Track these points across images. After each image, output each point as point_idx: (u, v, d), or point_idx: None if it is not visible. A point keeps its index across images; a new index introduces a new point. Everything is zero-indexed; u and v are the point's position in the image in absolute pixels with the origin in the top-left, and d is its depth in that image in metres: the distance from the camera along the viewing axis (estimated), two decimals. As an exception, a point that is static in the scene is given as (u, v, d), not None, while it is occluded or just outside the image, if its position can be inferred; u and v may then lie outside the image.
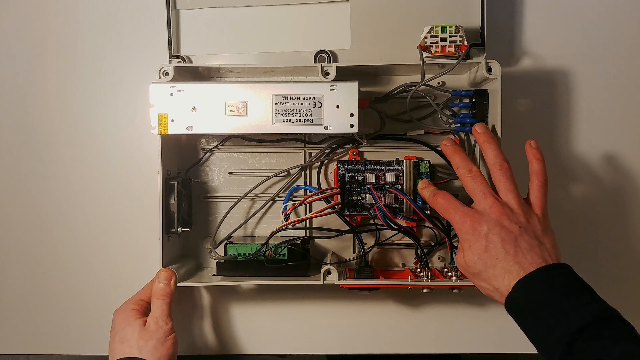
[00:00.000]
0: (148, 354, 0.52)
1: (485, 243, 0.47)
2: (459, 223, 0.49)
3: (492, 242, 0.47)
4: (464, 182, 0.51)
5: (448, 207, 0.50)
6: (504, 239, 0.46)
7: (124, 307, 0.56)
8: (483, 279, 0.47)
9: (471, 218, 0.48)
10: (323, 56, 0.61)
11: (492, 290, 0.47)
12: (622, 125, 0.63)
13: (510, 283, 0.45)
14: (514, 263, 0.45)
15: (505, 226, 0.47)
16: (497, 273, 0.46)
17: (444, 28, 0.55)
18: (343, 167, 0.59)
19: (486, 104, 0.57)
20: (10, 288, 0.66)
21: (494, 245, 0.46)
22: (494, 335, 0.64)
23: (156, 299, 0.55)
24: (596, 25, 0.63)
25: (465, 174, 0.51)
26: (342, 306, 0.64)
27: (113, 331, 0.55)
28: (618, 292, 0.63)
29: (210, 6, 0.63)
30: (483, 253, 0.47)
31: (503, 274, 0.46)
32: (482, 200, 0.49)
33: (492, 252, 0.46)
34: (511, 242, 0.46)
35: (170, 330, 0.54)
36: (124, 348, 0.52)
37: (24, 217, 0.66)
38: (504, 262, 0.46)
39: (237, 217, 0.62)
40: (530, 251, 0.46)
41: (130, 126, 0.64)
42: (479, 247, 0.47)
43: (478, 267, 0.47)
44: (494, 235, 0.47)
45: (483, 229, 0.47)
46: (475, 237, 0.47)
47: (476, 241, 0.47)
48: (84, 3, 0.65)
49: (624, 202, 0.63)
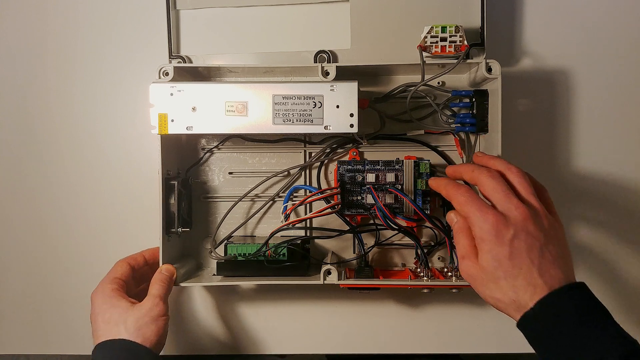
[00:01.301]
0: (135, 333, 0.50)
1: (509, 250, 0.42)
2: (479, 220, 0.44)
3: (517, 250, 0.42)
4: (481, 182, 0.46)
5: (469, 202, 0.45)
6: (530, 247, 0.42)
7: (101, 288, 0.54)
8: (499, 289, 0.43)
9: (495, 218, 0.43)
10: (323, 56, 0.61)
11: (506, 302, 0.43)
12: (622, 125, 0.63)
13: (533, 298, 0.42)
14: (538, 276, 0.42)
15: (532, 232, 0.43)
16: (519, 284, 0.42)
17: (444, 28, 0.55)
18: (343, 167, 0.59)
19: (486, 104, 0.57)
20: (11, 288, 0.66)
21: (519, 253, 0.42)
22: (494, 335, 0.64)
23: (156, 283, 0.54)
24: (596, 25, 0.63)
25: (481, 174, 0.46)
26: (342, 306, 0.64)
27: (94, 313, 0.53)
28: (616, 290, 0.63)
29: (210, 6, 0.63)
30: (506, 260, 0.42)
31: (526, 286, 0.42)
32: (505, 200, 0.44)
33: (516, 261, 0.42)
34: (537, 251, 0.42)
35: (165, 310, 0.53)
36: (110, 328, 0.51)
37: (24, 217, 0.66)
38: (528, 273, 0.42)
39: (237, 217, 0.62)
40: (554, 263, 0.42)
41: (130, 126, 0.64)
42: (502, 254, 0.43)
43: (497, 274, 0.43)
44: (519, 242, 0.42)
45: (508, 234, 0.42)
46: (499, 241, 0.43)
47: (499, 246, 0.43)
48: (84, 3, 0.65)
49: (624, 202, 0.63)
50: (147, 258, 0.59)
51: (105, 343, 0.51)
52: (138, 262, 0.58)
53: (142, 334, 0.51)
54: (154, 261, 0.58)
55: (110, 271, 0.56)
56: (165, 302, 0.54)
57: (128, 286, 0.56)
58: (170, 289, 0.55)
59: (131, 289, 0.57)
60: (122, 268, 0.56)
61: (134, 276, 0.57)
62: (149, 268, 0.59)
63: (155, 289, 0.54)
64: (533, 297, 0.42)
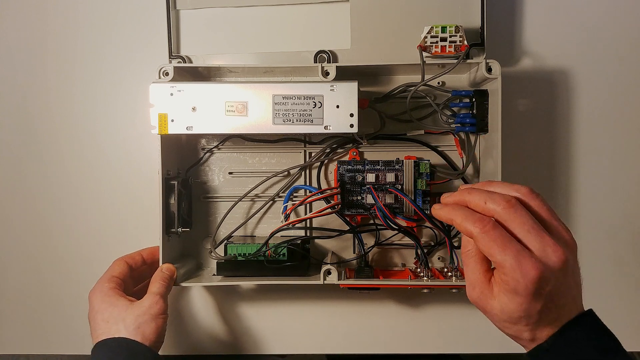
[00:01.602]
0: (135, 331, 0.50)
1: (543, 303, 0.38)
2: (517, 274, 0.37)
3: (549, 299, 0.38)
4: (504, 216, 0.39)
5: (503, 245, 0.38)
6: (562, 293, 0.39)
7: (99, 287, 0.54)
8: (514, 328, 0.40)
9: (537, 273, 0.37)
10: (323, 56, 0.61)
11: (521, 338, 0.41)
12: (622, 125, 0.63)
13: (545, 331, 0.39)
14: (557, 316, 0.39)
15: (566, 278, 0.38)
16: (539, 328, 0.39)
17: (444, 28, 0.55)
18: (343, 167, 0.59)
19: (486, 104, 0.57)
20: (11, 288, 0.66)
21: (550, 299, 0.38)
22: (494, 335, 0.63)
23: (156, 281, 0.54)
24: (596, 25, 0.63)
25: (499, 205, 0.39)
26: (342, 306, 0.64)
27: (93, 311, 0.52)
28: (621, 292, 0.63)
29: (210, 6, 0.63)
30: (535, 314, 0.39)
31: (545, 326, 0.39)
32: (539, 241, 0.38)
33: (544, 310, 0.39)
34: (566, 294, 0.39)
35: (164, 309, 0.53)
36: (109, 327, 0.51)
37: (24, 217, 0.66)
38: (551, 317, 0.39)
39: (237, 217, 0.62)
40: (569, 294, 0.39)
41: (130, 126, 0.64)
42: (534, 309, 0.38)
43: (519, 321, 0.39)
44: (554, 289, 0.38)
45: (547, 288, 0.38)
46: (536, 298, 0.38)
47: (534, 301, 0.38)
48: (84, 3, 0.65)
49: (624, 202, 0.63)
50: (145, 257, 0.58)
51: (104, 342, 0.50)
52: (136, 261, 0.58)
53: (142, 332, 0.51)
54: (152, 260, 0.58)
55: (107, 270, 0.56)
56: (165, 301, 0.54)
57: (126, 285, 0.56)
58: (170, 288, 0.55)
59: (129, 288, 0.57)
60: (119, 267, 0.56)
61: (131, 275, 0.57)
62: (147, 267, 0.59)
63: (155, 287, 0.54)
64: (545, 328, 0.40)
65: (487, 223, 0.39)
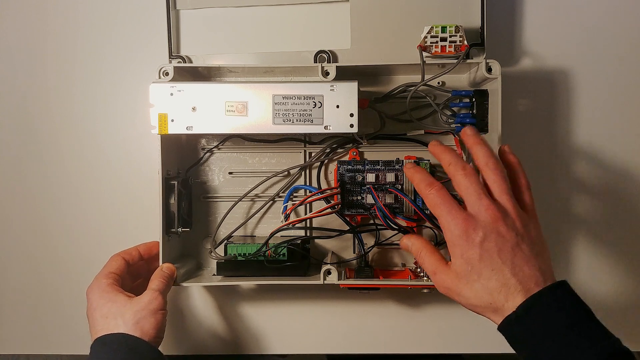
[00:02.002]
0: (134, 327, 0.50)
1: (479, 252, 0.43)
2: (450, 225, 0.45)
3: (487, 251, 0.43)
4: (456, 180, 0.47)
5: (440, 204, 0.46)
6: (500, 248, 0.43)
7: (96, 283, 0.53)
8: (473, 293, 0.44)
9: (465, 221, 0.44)
10: (323, 56, 0.61)
11: (483, 306, 0.44)
12: (622, 125, 0.63)
13: (509, 300, 0.42)
14: (511, 276, 0.42)
15: (502, 233, 0.43)
16: (492, 286, 0.43)
17: (444, 28, 0.55)
18: (343, 167, 0.59)
19: (486, 104, 0.57)
20: (11, 288, 0.66)
21: (489, 255, 0.43)
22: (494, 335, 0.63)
23: (156, 279, 0.54)
24: (596, 25, 0.63)
25: (457, 172, 0.47)
26: (342, 306, 0.64)
27: (91, 308, 0.52)
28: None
29: (210, 6, 0.63)
30: (477, 263, 0.43)
31: (499, 287, 0.42)
32: (476, 201, 0.45)
33: (487, 262, 0.43)
34: (508, 252, 0.43)
35: (163, 305, 0.53)
36: (108, 323, 0.50)
37: (24, 217, 0.66)
38: (500, 274, 0.43)
39: (237, 217, 0.62)
40: (528, 263, 0.43)
41: (130, 126, 0.64)
42: (473, 256, 0.43)
43: (470, 277, 0.43)
44: (489, 243, 0.43)
45: (478, 236, 0.43)
46: (469, 244, 0.43)
47: (469, 249, 0.43)
48: (84, 3, 0.65)
49: (624, 202, 0.63)
50: (142, 252, 0.58)
51: (103, 337, 0.50)
52: (133, 257, 0.57)
53: (141, 328, 0.50)
54: (149, 256, 0.58)
55: (104, 266, 0.56)
56: (164, 297, 0.54)
57: (123, 281, 0.56)
58: (169, 286, 0.55)
59: (126, 284, 0.56)
60: (116, 262, 0.56)
61: (129, 271, 0.57)
62: (144, 263, 0.58)
63: (155, 284, 0.54)
64: (508, 298, 0.42)
65: (435, 186, 0.47)
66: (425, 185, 0.48)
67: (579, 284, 0.62)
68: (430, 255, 0.48)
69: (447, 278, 0.45)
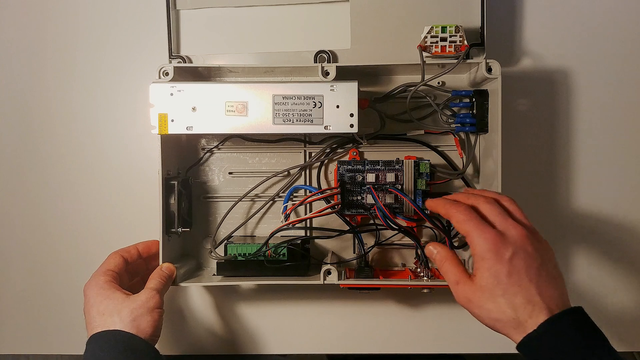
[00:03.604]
0: (130, 324, 0.50)
1: (508, 267, 0.43)
2: (479, 239, 0.44)
3: (516, 268, 0.43)
4: (480, 204, 0.47)
5: (467, 220, 0.46)
6: (528, 266, 0.44)
7: (94, 280, 0.54)
8: (497, 307, 0.44)
9: (495, 237, 0.44)
10: (323, 56, 0.61)
11: (505, 321, 0.44)
12: (622, 125, 0.63)
13: (533, 317, 0.42)
14: (536, 294, 0.43)
15: (529, 252, 0.44)
16: (518, 302, 0.43)
17: (444, 28, 0.55)
18: (343, 167, 0.59)
19: (486, 104, 0.57)
20: (11, 288, 0.66)
21: (517, 271, 0.43)
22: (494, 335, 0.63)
23: (154, 278, 0.54)
24: (596, 25, 0.63)
25: (478, 200, 0.48)
26: (342, 306, 0.64)
27: (88, 304, 0.52)
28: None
29: (210, 6, 0.63)
30: (505, 278, 0.43)
31: (525, 304, 0.43)
32: (503, 221, 0.45)
33: (515, 278, 0.43)
34: (535, 270, 0.44)
35: (160, 303, 0.53)
36: (104, 319, 0.51)
37: (24, 217, 0.66)
38: (526, 291, 0.43)
39: (237, 217, 0.62)
40: (550, 284, 0.44)
41: (130, 126, 0.64)
42: (501, 272, 0.43)
43: (495, 292, 0.44)
44: (519, 260, 0.44)
45: (507, 252, 0.44)
46: (499, 258, 0.44)
47: (498, 263, 0.44)
48: (84, 3, 0.65)
49: (624, 201, 0.63)
50: (141, 250, 0.58)
51: (99, 334, 0.50)
52: (131, 255, 0.57)
53: (137, 325, 0.51)
54: (148, 254, 0.58)
55: (103, 263, 0.56)
56: (161, 296, 0.54)
57: (121, 279, 0.56)
58: (167, 286, 0.55)
59: (124, 282, 0.56)
60: (115, 260, 0.56)
61: (127, 269, 0.57)
62: (142, 261, 0.58)
63: (153, 283, 0.54)
64: (532, 315, 0.42)
65: (462, 206, 0.47)
66: (451, 205, 0.48)
67: (579, 284, 0.63)
68: (455, 266, 0.48)
69: (469, 290, 0.46)
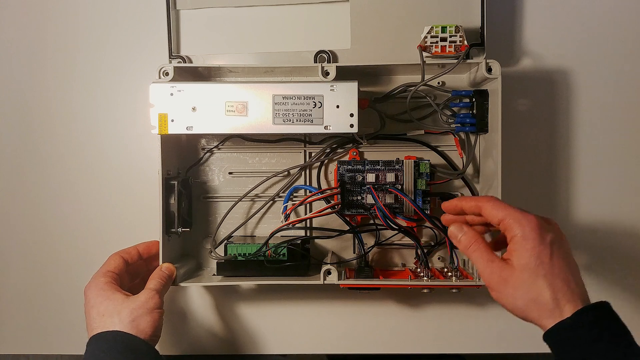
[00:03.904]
0: (130, 325, 0.50)
1: (550, 250, 0.43)
2: (522, 220, 0.44)
3: (557, 252, 0.44)
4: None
5: (503, 206, 0.46)
6: (566, 253, 0.44)
7: (94, 282, 0.54)
8: (536, 288, 0.43)
9: (537, 220, 0.44)
10: (323, 56, 0.61)
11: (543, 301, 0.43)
12: (622, 125, 0.63)
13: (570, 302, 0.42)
14: (573, 281, 0.43)
15: (565, 242, 0.45)
16: (558, 284, 0.43)
17: (444, 28, 0.55)
18: (343, 167, 0.59)
19: (486, 104, 0.57)
20: (11, 288, 0.66)
21: (558, 255, 0.44)
22: (494, 335, 0.64)
23: (154, 279, 0.54)
24: (596, 25, 0.63)
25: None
26: (342, 306, 0.64)
27: (88, 305, 0.52)
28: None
29: (210, 6, 0.63)
30: (548, 260, 0.43)
31: (565, 287, 0.43)
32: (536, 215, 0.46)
33: (557, 262, 0.43)
34: (571, 259, 0.45)
35: (160, 304, 0.53)
36: (104, 320, 0.51)
37: (24, 218, 0.66)
38: (566, 276, 0.43)
39: (237, 217, 0.62)
40: (577, 274, 0.44)
41: (130, 126, 0.64)
42: (545, 253, 0.43)
43: (538, 272, 0.43)
44: (559, 247, 0.44)
45: (549, 236, 0.44)
46: (542, 240, 0.44)
47: (541, 244, 0.43)
48: (84, 3, 0.65)
49: (624, 202, 0.63)
50: (141, 252, 0.58)
51: (99, 335, 0.50)
52: (132, 256, 0.57)
53: (137, 326, 0.51)
54: (148, 255, 0.58)
55: (103, 264, 0.56)
56: (161, 297, 0.54)
57: (121, 279, 0.56)
58: (167, 287, 0.55)
59: (125, 283, 0.56)
60: (115, 261, 0.56)
61: (127, 270, 0.57)
62: (143, 262, 0.58)
63: (152, 283, 0.54)
64: (570, 299, 0.42)
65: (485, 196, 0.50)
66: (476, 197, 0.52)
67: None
68: (486, 246, 0.47)
69: (507, 269, 0.44)
